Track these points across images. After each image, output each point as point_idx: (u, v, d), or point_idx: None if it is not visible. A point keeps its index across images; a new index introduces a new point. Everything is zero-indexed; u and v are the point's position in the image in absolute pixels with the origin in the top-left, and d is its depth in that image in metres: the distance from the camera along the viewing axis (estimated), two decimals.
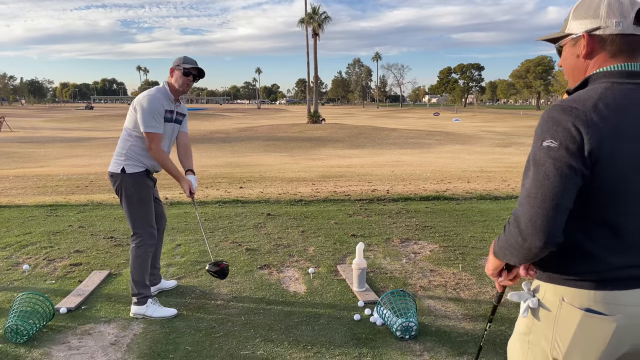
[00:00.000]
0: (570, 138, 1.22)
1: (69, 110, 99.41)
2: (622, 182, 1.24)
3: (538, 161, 1.27)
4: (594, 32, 1.32)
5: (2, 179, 10.98)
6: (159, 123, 3.41)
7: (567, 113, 1.24)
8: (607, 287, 1.28)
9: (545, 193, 1.25)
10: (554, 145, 1.24)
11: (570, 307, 1.31)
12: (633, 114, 1.24)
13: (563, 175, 1.23)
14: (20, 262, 4.67)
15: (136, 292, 3.50)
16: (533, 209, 1.26)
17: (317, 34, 51.76)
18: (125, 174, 3.42)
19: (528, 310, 1.42)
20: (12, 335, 3.08)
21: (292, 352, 2.99)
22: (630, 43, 1.31)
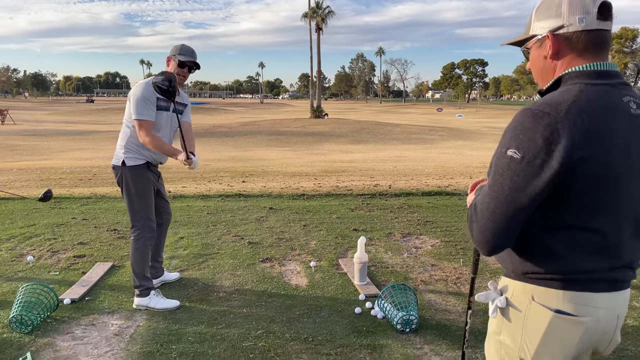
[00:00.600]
0: (536, 150, 1.18)
1: (71, 103, 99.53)
2: (595, 188, 1.21)
3: (497, 170, 1.25)
4: (558, 31, 1.28)
5: (6, 171, 11.03)
6: (149, 110, 3.35)
7: (538, 120, 1.19)
8: (576, 288, 1.26)
9: (498, 207, 1.24)
10: (517, 157, 1.20)
11: (539, 307, 1.28)
12: (606, 118, 1.20)
13: (520, 192, 1.21)
14: (24, 253, 4.71)
15: (138, 284, 3.53)
16: (484, 220, 1.27)
17: (321, 29, 51.65)
18: (125, 167, 3.43)
19: (497, 311, 1.39)
20: (17, 326, 3.12)
21: (293, 344, 3.02)
22: (596, 39, 1.27)
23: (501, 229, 1.25)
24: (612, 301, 1.29)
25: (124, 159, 3.44)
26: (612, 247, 1.26)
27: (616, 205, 1.24)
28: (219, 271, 4.26)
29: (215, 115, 54.27)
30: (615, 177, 1.21)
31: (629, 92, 1.27)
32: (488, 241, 1.28)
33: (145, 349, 2.95)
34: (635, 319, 3.38)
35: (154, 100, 3.37)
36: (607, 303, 1.28)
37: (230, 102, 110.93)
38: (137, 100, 3.33)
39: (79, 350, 2.94)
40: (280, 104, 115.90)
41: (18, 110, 51.97)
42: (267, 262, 4.51)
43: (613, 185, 1.22)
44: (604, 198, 1.22)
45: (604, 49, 1.29)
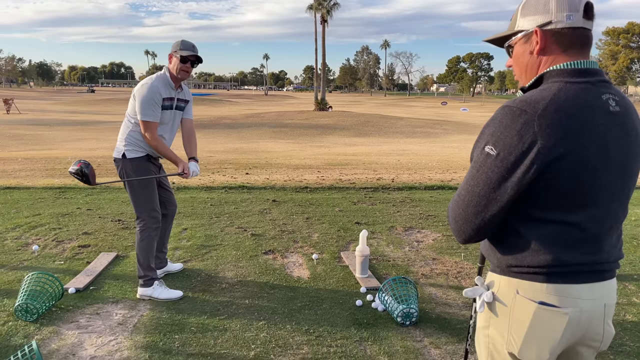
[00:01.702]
0: (512, 148, 1.21)
1: (73, 93, 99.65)
2: (573, 184, 1.23)
3: (475, 165, 1.30)
4: (546, 27, 1.30)
5: (11, 160, 11.10)
6: (154, 112, 3.41)
7: (516, 118, 1.22)
8: (559, 281, 1.28)
9: (471, 200, 1.29)
10: (493, 154, 1.24)
11: (524, 299, 1.30)
12: (584, 116, 1.23)
13: (493, 187, 1.25)
14: (29, 242, 4.76)
15: (142, 275, 3.57)
16: (459, 209, 1.33)
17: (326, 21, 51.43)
18: (126, 159, 3.48)
19: (484, 305, 1.42)
20: (23, 314, 3.17)
21: (294, 336, 3.06)
22: (580, 37, 1.30)
23: (474, 222, 1.31)
24: (596, 291, 1.31)
25: (124, 151, 3.48)
26: (593, 239, 1.30)
27: (595, 199, 1.27)
28: (221, 262, 4.30)
29: (219, 107, 54.27)
30: (593, 172, 1.24)
31: (608, 89, 1.29)
32: (461, 231, 1.35)
33: (149, 338, 3.00)
34: (634, 315, 3.40)
35: (159, 101, 3.43)
36: (591, 293, 1.30)
37: (234, 94, 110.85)
38: (143, 100, 3.37)
39: (83, 338, 2.99)
40: (284, 96, 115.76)
41: (23, 99, 52.13)
42: (270, 254, 4.54)
43: (591, 180, 1.24)
44: (583, 193, 1.25)
45: (586, 47, 1.32)
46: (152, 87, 3.40)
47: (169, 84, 3.50)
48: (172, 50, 3.50)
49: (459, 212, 1.33)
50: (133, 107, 3.46)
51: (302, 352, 2.87)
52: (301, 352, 2.87)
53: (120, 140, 3.53)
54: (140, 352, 2.84)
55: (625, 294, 3.75)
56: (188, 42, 3.51)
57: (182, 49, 3.46)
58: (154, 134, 3.43)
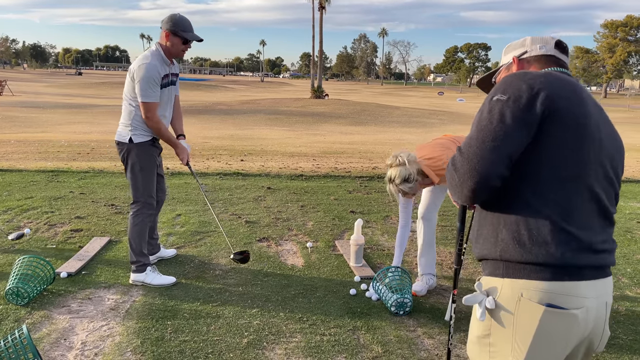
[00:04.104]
0: (520, 93, 1.31)
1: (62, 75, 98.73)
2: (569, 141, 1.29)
3: (483, 110, 1.36)
4: (522, 56, 1.55)
5: (4, 142, 10.98)
6: (155, 92, 3.33)
7: (521, 76, 1.36)
8: (565, 278, 1.26)
9: (485, 135, 1.31)
10: (503, 98, 1.32)
11: (530, 303, 1.27)
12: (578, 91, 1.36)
13: (506, 122, 1.29)
14: (21, 225, 4.71)
15: (135, 260, 3.54)
16: (471, 148, 1.33)
17: (324, 7, 51.00)
18: (132, 144, 3.42)
19: (486, 313, 1.36)
20: (13, 298, 3.14)
21: (287, 323, 3.05)
22: (554, 61, 1.51)
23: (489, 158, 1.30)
24: (599, 289, 1.30)
25: (131, 135, 3.41)
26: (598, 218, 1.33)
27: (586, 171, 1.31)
28: (215, 249, 4.28)
29: (215, 93, 53.92)
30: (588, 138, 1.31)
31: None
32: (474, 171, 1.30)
33: (141, 324, 2.98)
34: (628, 308, 3.41)
35: (159, 80, 3.33)
36: (595, 291, 1.29)
37: (230, 80, 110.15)
38: (143, 81, 3.27)
39: (74, 323, 2.97)
40: (280, 83, 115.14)
41: (16, 81, 51.55)
42: (264, 242, 4.52)
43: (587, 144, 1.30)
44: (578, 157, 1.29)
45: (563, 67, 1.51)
46: (150, 67, 3.28)
47: (164, 61, 3.40)
48: (169, 26, 3.34)
49: (472, 151, 1.32)
50: (132, 88, 3.35)
51: (295, 340, 2.86)
52: (294, 340, 2.86)
53: (124, 124, 3.44)
54: (132, 338, 2.82)
55: (618, 287, 3.76)
56: (188, 22, 3.41)
57: (184, 30, 3.36)
58: (155, 115, 3.36)
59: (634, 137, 17.66)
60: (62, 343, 2.76)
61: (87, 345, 2.74)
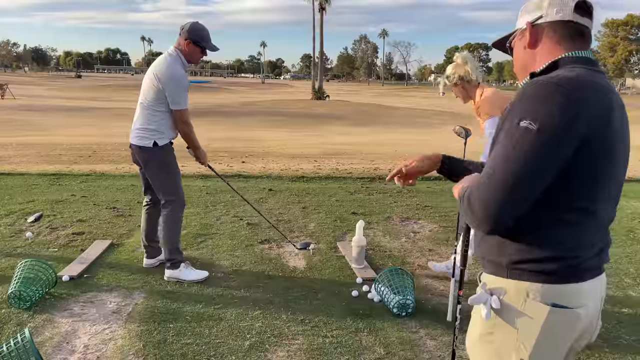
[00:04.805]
0: (553, 120, 1.15)
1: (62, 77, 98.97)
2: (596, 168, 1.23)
3: (508, 142, 1.20)
4: (537, 21, 1.36)
5: (5, 146, 11.00)
6: (186, 98, 3.50)
7: (553, 92, 1.18)
8: (571, 280, 1.25)
9: (508, 180, 1.18)
10: (533, 128, 1.16)
11: (535, 303, 1.25)
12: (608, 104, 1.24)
13: (536, 162, 1.17)
14: (23, 229, 4.72)
15: (170, 258, 3.61)
16: (492, 194, 1.20)
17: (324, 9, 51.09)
18: (157, 147, 3.50)
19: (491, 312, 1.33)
20: (16, 301, 3.14)
21: (290, 326, 3.04)
22: (573, 29, 1.33)
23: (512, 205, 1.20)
24: (596, 287, 1.31)
25: (155, 140, 3.49)
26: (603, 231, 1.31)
27: (610, 187, 1.28)
28: (217, 251, 4.28)
29: (216, 95, 53.96)
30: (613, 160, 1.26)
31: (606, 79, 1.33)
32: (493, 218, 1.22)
33: (143, 327, 2.97)
34: (630, 308, 3.40)
35: (187, 87, 3.50)
36: (594, 289, 1.31)
37: (231, 82, 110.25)
38: (178, 90, 3.42)
39: (77, 326, 2.97)
40: (281, 84, 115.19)
41: (18, 85, 51.60)
42: (266, 244, 4.52)
43: (610, 167, 1.25)
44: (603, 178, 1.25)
45: (584, 39, 1.34)
46: (182, 75, 3.44)
47: (184, 66, 3.52)
48: (190, 35, 3.45)
49: (492, 197, 1.20)
50: (157, 93, 3.41)
51: (297, 342, 2.86)
52: (296, 342, 2.86)
53: (146, 129, 3.49)
54: (135, 341, 2.82)
55: (621, 287, 3.75)
56: (207, 32, 3.54)
57: (204, 40, 3.50)
58: (189, 120, 3.53)
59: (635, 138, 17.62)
60: (64, 346, 2.76)
61: (89, 349, 2.74)
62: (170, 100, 3.41)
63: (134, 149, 3.56)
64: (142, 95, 3.50)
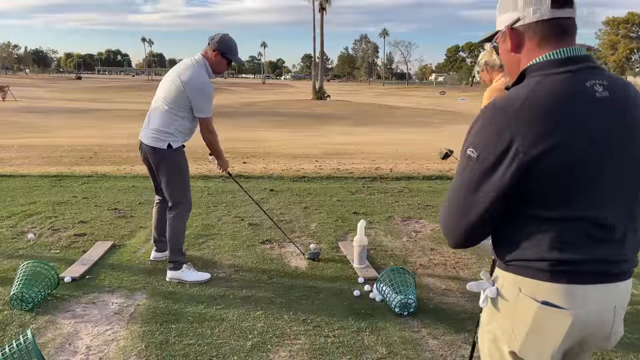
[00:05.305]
0: (491, 147, 1.19)
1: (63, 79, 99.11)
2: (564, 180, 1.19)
3: (458, 167, 1.29)
4: (516, 24, 1.30)
5: (7, 148, 11.02)
6: (210, 106, 3.57)
7: (495, 117, 1.22)
8: (563, 280, 1.23)
9: (456, 203, 1.29)
10: (473, 156, 1.22)
11: (527, 298, 1.26)
12: (565, 108, 1.18)
13: (474, 190, 1.23)
14: (25, 231, 4.72)
15: (173, 259, 3.64)
16: (446, 214, 1.33)
17: (324, 9, 51.12)
18: (171, 149, 3.54)
19: (488, 301, 1.37)
20: (18, 303, 3.14)
21: (292, 326, 3.04)
22: (554, 27, 1.26)
23: (460, 225, 1.29)
24: (606, 293, 1.25)
25: (169, 142, 3.53)
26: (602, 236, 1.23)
27: (595, 192, 1.21)
28: (219, 252, 4.28)
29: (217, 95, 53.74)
30: (584, 164, 1.19)
31: (595, 75, 1.24)
32: (449, 236, 1.34)
33: (145, 327, 2.98)
34: (632, 306, 3.39)
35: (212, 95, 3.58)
36: (599, 295, 1.25)
37: (231, 82, 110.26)
38: (206, 98, 3.52)
39: (79, 328, 2.97)
40: (282, 84, 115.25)
41: (19, 87, 51.68)
42: (267, 244, 4.52)
43: (584, 173, 1.20)
44: (578, 187, 1.20)
45: (565, 36, 1.28)
46: (209, 84, 3.54)
47: (209, 75, 3.59)
48: (219, 46, 3.53)
49: (446, 216, 1.33)
50: (179, 98, 3.46)
51: (299, 342, 2.86)
52: (298, 342, 2.86)
53: (162, 131, 3.52)
54: (137, 342, 2.82)
55: None
56: (235, 44, 3.63)
57: (233, 54, 3.59)
58: (214, 129, 3.63)
59: None
60: (66, 348, 2.76)
61: (91, 350, 2.74)
62: (195, 108, 3.49)
63: (147, 149, 3.58)
64: (163, 98, 3.53)
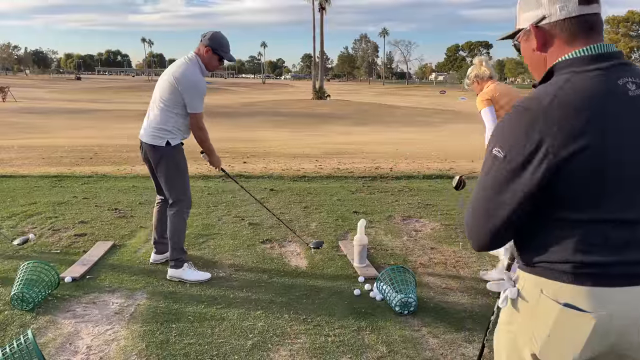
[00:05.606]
0: (519, 148, 1.16)
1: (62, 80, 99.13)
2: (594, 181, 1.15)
3: (483, 168, 1.25)
4: (541, 22, 1.25)
5: (7, 149, 11.03)
6: (202, 103, 3.59)
7: (522, 116, 1.18)
8: (588, 283, 1.18)
9: (481, 204, 1.25)
10: (500, 156, 1.19)
11: (548, 300, 1.21)
12: (595, 107, 1.14)
13: (501, 191, 1.19)
14: (25, 231, 4.73)
15: (174, 257, 3.65)
16: (471, 216, 1.29)
17: (324, 8, 51.11)
18: (170, 146, 3.56)
19: (507, 301, 1.34)
20: (18, 303, 3.14)
21: (292, 325, 3.04)
22: (582, 24, 1.22)
23: (486, 227, 1.25)
24: (634, 296, 1.18)
25: (168, 139, 3.55)
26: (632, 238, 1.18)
27: (626, 194, 1.16)
28: (219, 252, 4.28)
29: (216, 95, 53.97)
30: (616, 165, 1.14)
31: (626, 72, 1.19)
32: (474, 238, 1.31)
33: (146, 327, 2.98)
34: None
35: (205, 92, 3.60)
36: (626, 298, 1.18)
37: (231, 82, 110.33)
38: (198, 94, 3.55)
39: (80, 328, 2.97)
40: (282, 84, 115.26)
41: (19, 87, 51.70)
42: (267, 244, 4.53)
43: (615, 174, 1.15)
44: (609, 189, 1.16)
45: (593, 32, 1.24)
46: (202, 81, 3.56)
47: (203, 72, 3.59)
48: (212, 44, 3.55)
49: (471, 219, 1.29)
50: (173, 95, 3.48)
51: (300, 341, 2.86)
52: (299, 341, 2.86)
53: (160, 128, 3.55)
54: (137, 342, 2.82)
55: None
56: (227, 42, 3.64)
57: (223, 50, 3.59)
58: (204, 126, 3.64)
59: None
60: (67, 347, 2.76)
61: (92, 350, 2.74)
62: (188, 104, 3.50)
63: (147, 147, 3.61)
64: (159, 96, 3.55)
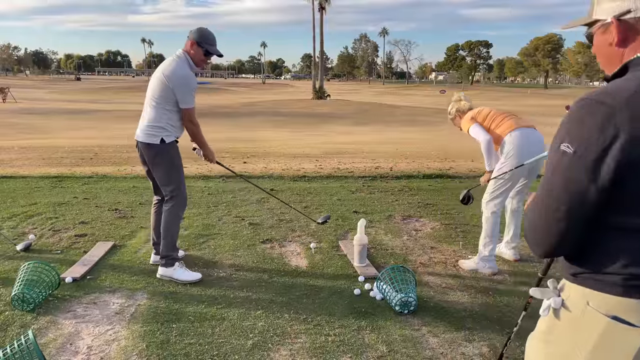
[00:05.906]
0: (591, 144, 1.09)
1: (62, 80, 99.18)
2: None
3: (549, 166, 1.18)
4: (625, 16, 1.16)
5: (7, 149, 11.03)
6: (193, 98, 3.60)
7: (594, 110, 1.10)
8: (636, 296, 1.13)
9: (550, 205, 1.17)
10: (569, 152, 1.12)
11: (595, 312, 1.17)
12: None
13: (572, 189, 1.13)
14: (26, 232, 4.73)
15: (166, 254, 3.65)
16: (537, 218, 1.21)
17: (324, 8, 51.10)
18: (164, 144, 3.57)
19: (549, 310, 1.29)
20: (19, 303, 3.15)
21: (292, 325, 3.05)
22: None
23: (555, 229, 1.18)
24: None
25: (162, 137, 3.56)
26: None
27: None
28: (219, 252, 4.29)
29: (216, 96, 53.97)
30: None
31: None
32: (541, 242, 1.22)
33: (146, 327, 2.98)
34: None
35: (196, 87, 3.60)
36: None
37: (231, 82, 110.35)
38: (188, 90, 3.53)
39: (80, 328, 2.98)
40: (282, 84, 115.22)
41: (19, 88, 51.69)
42: (268, 243, 4.53)
43: None
44: None
45: None
46: (191, 76, 3.56)
47: (191, 67, 3.59)
48: (196, 37, 3.54)
49: (537, 221, 1.21)
50: (165, 92, 3.49)
51: (300, 341, 2.87)
52: (299, 341, 2.87)
53: (153, 127, 3.55)
54: (138, 342, 2.82)
55: None
56: (213, 36, 3.62)
57: (209, 44, 3.57)
58: (195, 118, 3.63)
59: None
60: (68, 348, 2.77)
61: (93, 350, 2.75)
62: (179, 99, 3.50)
63: (142, 146, 3.61)
64: (151, 95, 3.56)
